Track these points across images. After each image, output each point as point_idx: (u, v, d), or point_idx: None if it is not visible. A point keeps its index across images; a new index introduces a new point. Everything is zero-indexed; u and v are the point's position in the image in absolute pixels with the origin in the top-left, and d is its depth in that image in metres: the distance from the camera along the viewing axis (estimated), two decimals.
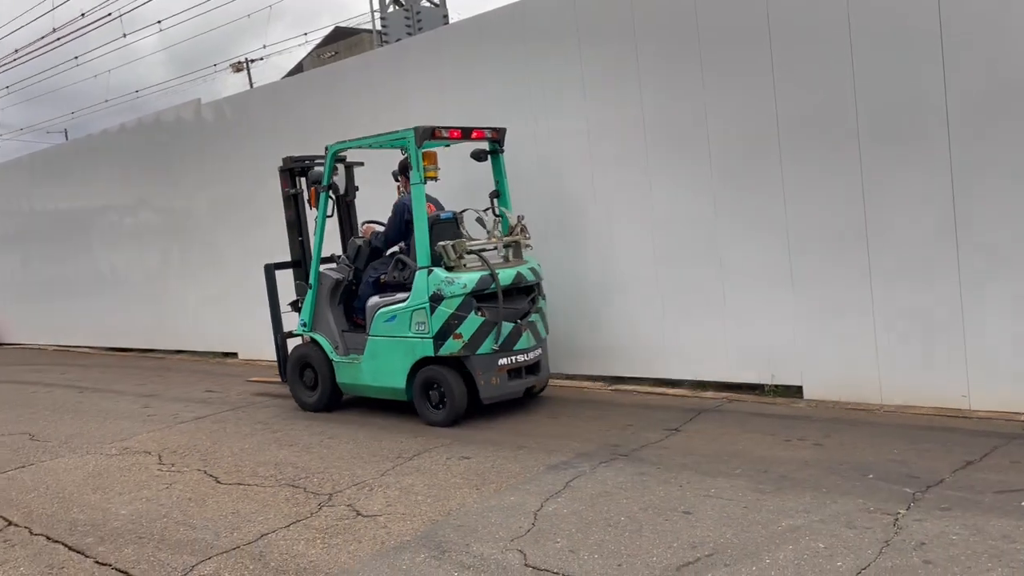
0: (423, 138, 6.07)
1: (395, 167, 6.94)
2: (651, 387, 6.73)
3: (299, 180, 7.47)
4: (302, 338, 7.16)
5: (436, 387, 6.11)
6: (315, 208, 6.95)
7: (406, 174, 6.56)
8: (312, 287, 6.93)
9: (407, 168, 6.38)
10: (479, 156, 6.64)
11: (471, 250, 6.20)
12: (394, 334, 6.27)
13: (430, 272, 6.04)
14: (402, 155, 6.48)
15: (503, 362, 6.09)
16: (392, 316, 6.27)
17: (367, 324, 6.52)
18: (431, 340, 6.01)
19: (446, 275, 6.00)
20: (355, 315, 6.89)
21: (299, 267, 7.47)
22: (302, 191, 7.45)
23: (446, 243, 6.08)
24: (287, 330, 7.50)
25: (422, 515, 4.33)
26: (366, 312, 6.57)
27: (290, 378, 7.20)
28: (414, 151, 6.06)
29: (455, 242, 6.11)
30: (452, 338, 5.96)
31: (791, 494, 4.15)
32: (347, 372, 6.70)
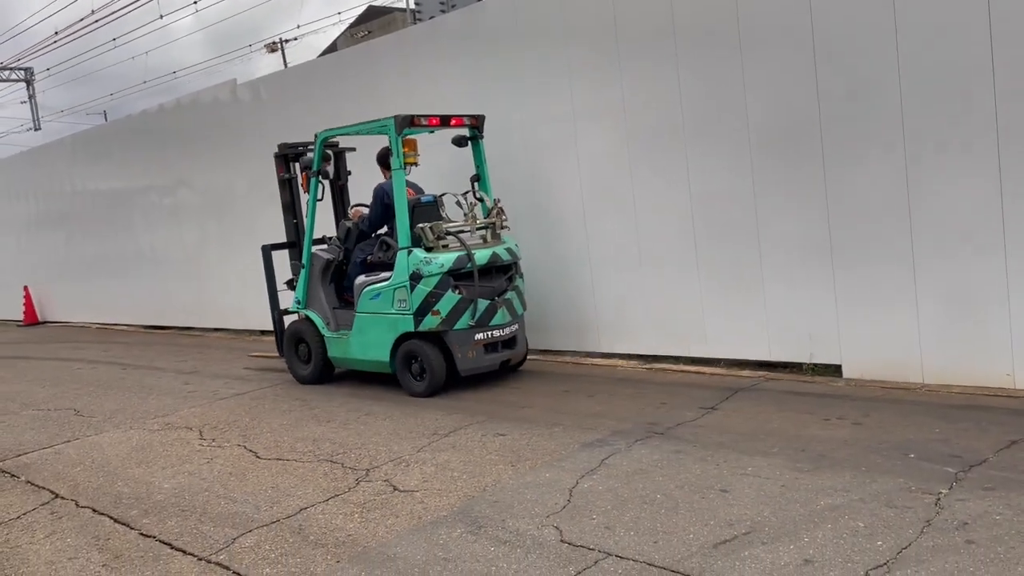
0: (403, 126, 6.36)
1: (377, 153, 7.21)
2: (687, 366, 6.69)
3: (293, 165, 7.78)
4: (297, 315, 7.51)
5: (417, 360, 6.47)
6: (308, 192, 7.25)
7: (385, 163, 6.93)
8: (305, 267, 7.32)
9: (387, 157, 6.74)
10: (459, 142, 6.91)
11: (449, 231, 6.51)
12: (379, 311, 6.63)
13: (410, 252, 6.37)
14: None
15: (479, 337, 6.42)
16: (377, 294, 6.62)
17: (355, 301, 6.88)
18: (412, 316, 6.36)
19: (425, 255, 6.33)
20: (345, 293, 7.24)
21: (294, 248, 7.82)
22: (295, 176, 7.78)
23: (425, 225, 6.41)
24: (283, 307, 7.83)
25: (458, 491, 4.36)
26: (354, 290, 6.93)
27: (286, 352, 7.61)
28: (394, 138, 6.35)
29: (433, 224, 6.45)
30: (431, 314, 6.31)
31: (830, 473, 4.10)
32: (337, 346, 7.08)
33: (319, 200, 7.22)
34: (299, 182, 7.72)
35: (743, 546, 3.41)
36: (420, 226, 6.42)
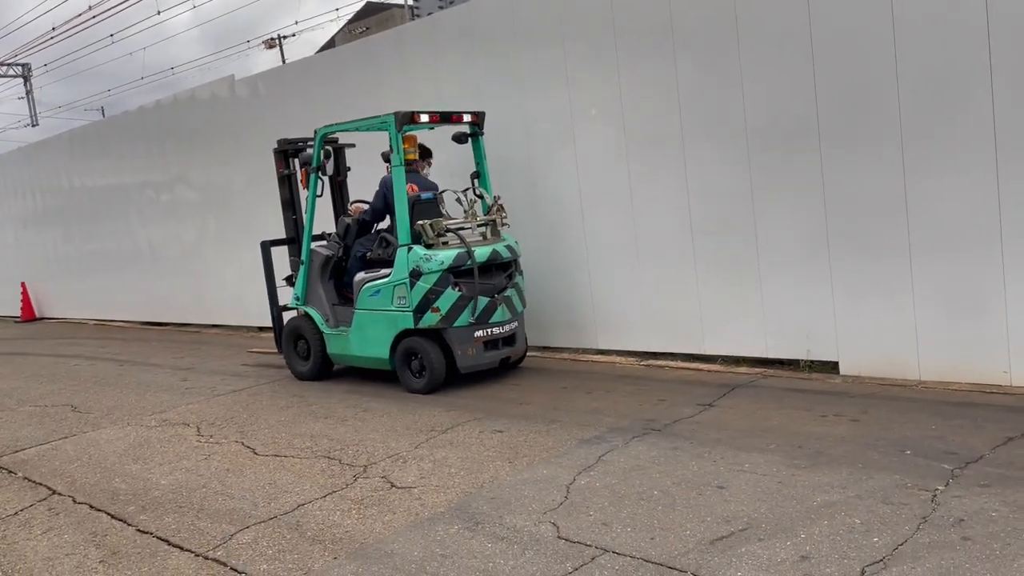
0: (403, 122, 6.35)
1: (386, 149, 7.11)
2: (684, 362, 6.70)
3: (292, 161, 7.74)
4: (296, 311, 7.50)
5: (417, 357, 6.46)
6: (307, 188, 7.23)
7: (389, 161, 6.84)
8: (304, 263, 7.30)
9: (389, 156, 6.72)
10: (460, 139, 6.89)
11: (449, 228, 6.48)
12: (378, 307, 6.61)
13: (410, 249, 6.35)
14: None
15: (479, 334, 6.41)
16: (376, 290, 6.60)
17: (354, 298, 6.84)
18: (411, 313, 6.35)
19: (424, 252, 6.32)
20: (344, 289, 7.19)
21: (293, 244, 7.81)
22: (295, 172, 7.76)
23: (424, 222, 6.40)
24: (282, 303, 7.81)
25: (456, 487, 4.36)
26: (353, 287, 6.89)
27: (285, 348, 7.61)
28: (394, 134, 6.34)
29: (433, 221, 6.43)
30: (430, 311, 6.31)
31: (826, 470, 4.11)
32: (336, 343, 7.07)
33: (318, 196, 7.21)
34: (298, 178, 7.71)
35: (740, 542, 3.42)
36: (420, 223, 6.40)
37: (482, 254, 6.45)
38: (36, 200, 15.01)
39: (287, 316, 7.77)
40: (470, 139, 6.97)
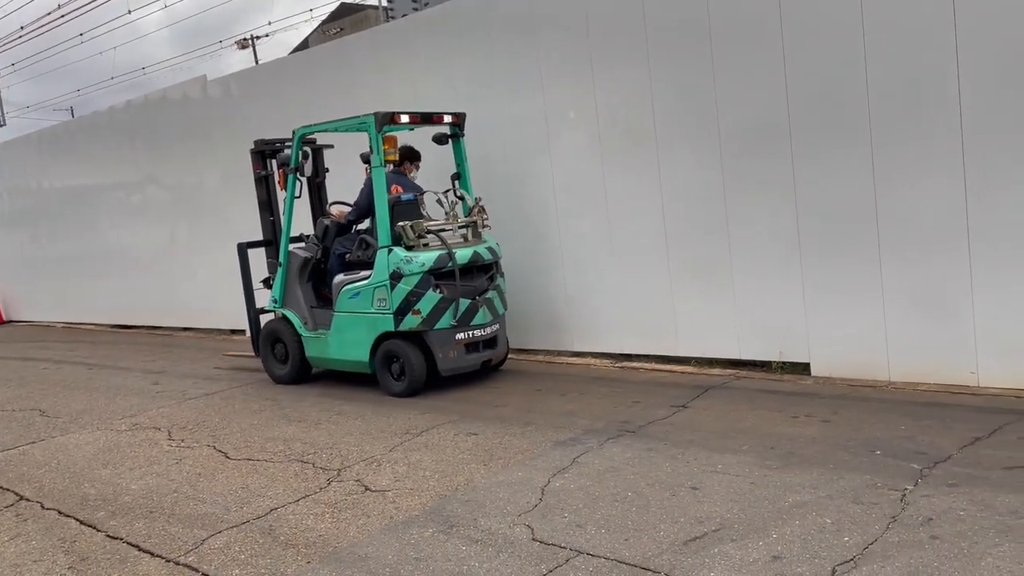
0: (383, 122, 6.29)
1: (364, 150, 7.02)
2: (658, 364, 6.73)
3: (269, 162, 7.68)
4: (273, 314, 7.42)
5: (397, 360, 6.41)
6: (284, 189, 7.14)
7: (369, 162, 6.74)
8: (283, 265, 7.22)
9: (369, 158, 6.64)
10: (440, 140, 6.87)
11: (430, 230, 6.45)
12: (358, 310, 6.55)
13: (390, 251, 6.30)
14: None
15: (460, 336, 6.37)
16: (356, 293, 6.54)
17: (333, 300, 6.76)
18: (392, 316, 6.30)
19: (405, 254, 6.27)
20: (324, 291, 7.12)
21: (271, 246, 7.73)
22: (272, 173, 7.69)
23: (405, 223, 6.34)
24: (259, 306, 7.72)
25: (430, 490, 4.35)
26: (332, 289, 6.81)
27: (262, 352, 7.52)
28: (374, 135, 6.27)
29: (414, 222, 6.38)
30: (411, 314, 6.26)
31: (798, 470, 4.15)
32: (315, 346, 6.99)
33: (296, 198, 7.12)
34: (276, 179, 7.62)
35: (713, 543, 3.44)
36: (400, 224, 6.35)
37: (463, 256, 6.41)
38: (4, 201, 14.77)
39: (264, 319, 7.70)
40: (450, 140, 6.92)
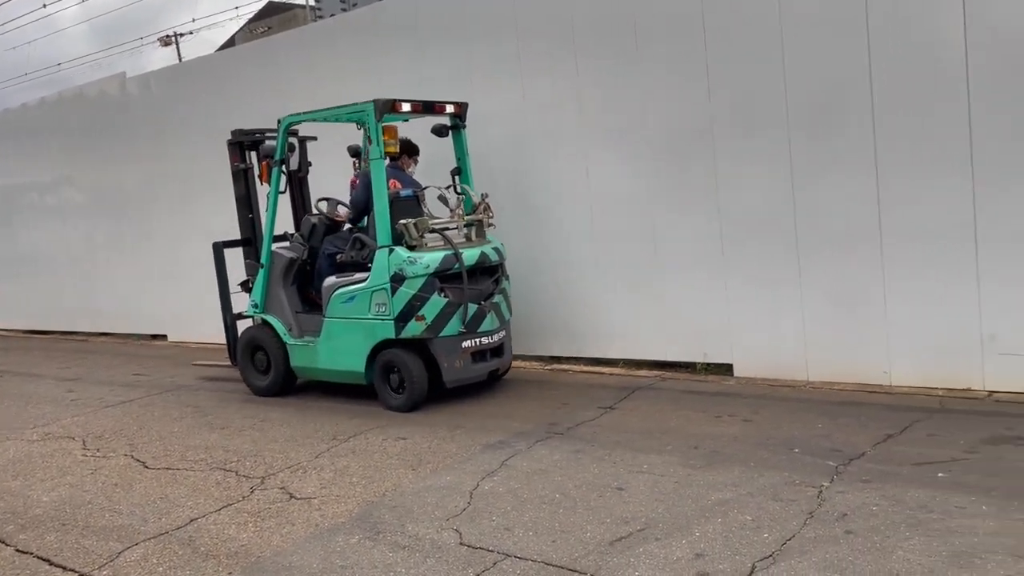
0: (383, 111, 5.85)
1: (350, 144, 6.74)
2: (587, 366, 6.80)
3: (249, 154, 7.16)
4: (252, 320, 6.93)
5: (396, 371, 5.93)
6: (266, 184, 6.64)
7: (359, 157, 6.39)
8: (264, 266, 6.67)
9: (359, 153, 6.22)
10: (440, 132, 6.44)
11: (434, 229, 5.98)
12: (353, 316, 6.05)
13: (391, 251, 5.82)
14: (357, 129, 6.28)
15: (467, 345, 5.93)
16: (351, 297, 6.04)
17: (323, 305, 6.26)
18: (392, 322, 5.81)
19: (408, 254, 5.79)
20: (312, 293, 6.61)
21: (249, 245, 7.21)
22: (252, 166, 7.14)
23: (408, 221, 5.85)
24: (237, 311, 7.18)
25: (357, 497, 4.30)
26: (322, 292, 6.30)
27: (241, 362, 6.92)
28: (373, 125, 5.83)
29: (417, 220, 5.89)
30: (415, 320, 5.77)
31: (721, 469, 4.24)
32: (302, 355, 6.47)
33: (281, 192, 6.60)
34: (256, 172, 7.01)
35: (638, 542, 3.49)
36: (403, 222, 5.82)
37: (471, 256, 5.96)
38: None
39: (243, 325, 7.15)
40: (451, 132, 6.48)
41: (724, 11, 5.76)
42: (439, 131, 6.44)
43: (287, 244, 6.82)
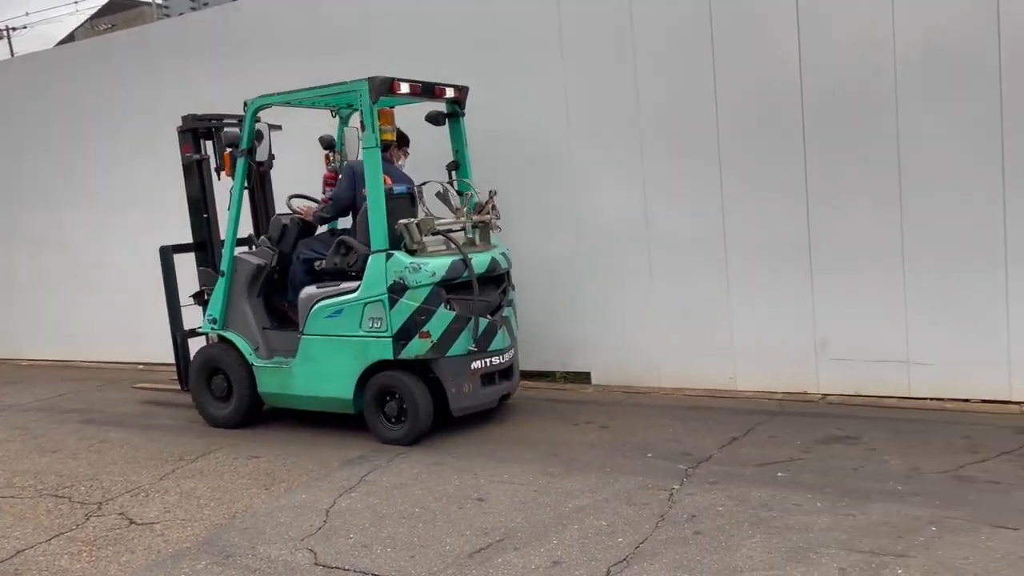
0: (379, 92, 5.04)
1: (320, 135, 6.01)
2: None
3: (204, 144, 6.16)
4: (207, 338, 6.00)
5: (394, 397, 5.13)
6: (229, 176, 5.72)
7: (332, 149, 5.80)
8: (225, 274, 5.69)
9: (333, 145, 5.69)
10: (436, 120, 5.76)
11: (438, 231, 5.23)
12: (339, 332, 5.20)
13: (389, 257, 5.04)
14: (332, 117, 5.80)
15: (476, 365, 5.18)
16: (337, 310, 5.19)
17: (300, 320, 5.40)
18: (390, 340, 5.02)
19: (410, 260, 5.01)
20: (286, 304, 5.75)
21: (203, 250, 6.14)
22: (208, 157, 6.11)
23: (409, 221, 5.07)
24: (188, 327, 6.21)
25: (204, 519, 4.08)
26: (299, 305, 5.43)
27: (194, 387, 5.91)
28: (368, 107, 5.04)
29: (420, 220, 5.11)
30: (418, 337, 5.00)
31: (578, 476, 4.32)
32: (272, 379, 5.55)
33: (246, 188, 5.76)
34: (214, 164, 6.03)
35: (497, 553, 3.49)
36: (404, 223, 5.04)
37: (480, 263, 5.23)
38: None
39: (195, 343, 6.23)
40: (448, 120, 5.78)
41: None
42: (435, 119, 5.75)
43: (251, 249, 5.96)
